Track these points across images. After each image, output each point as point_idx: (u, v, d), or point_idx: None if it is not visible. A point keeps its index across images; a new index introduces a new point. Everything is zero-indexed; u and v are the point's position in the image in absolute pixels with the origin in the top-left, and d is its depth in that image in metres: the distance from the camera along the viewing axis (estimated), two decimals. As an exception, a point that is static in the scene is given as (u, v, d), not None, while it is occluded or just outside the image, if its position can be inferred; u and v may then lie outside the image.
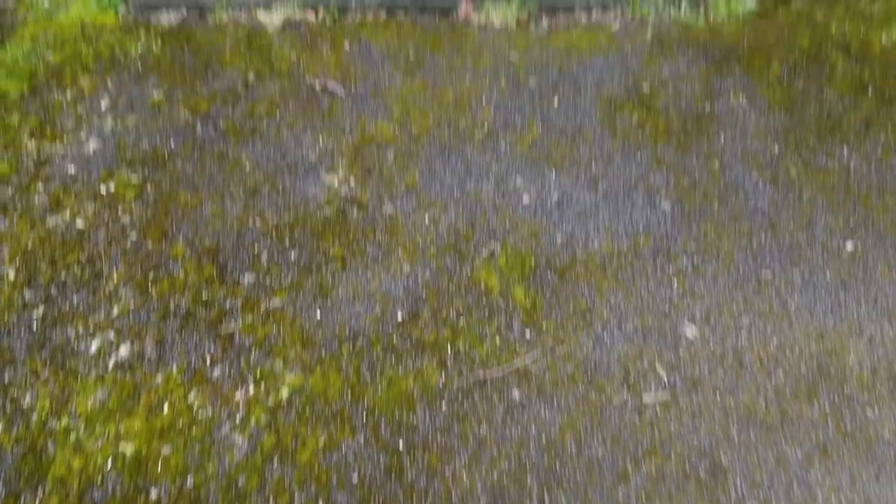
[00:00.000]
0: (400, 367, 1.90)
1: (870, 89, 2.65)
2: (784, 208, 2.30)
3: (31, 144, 2.52)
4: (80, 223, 2.28)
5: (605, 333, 1.98)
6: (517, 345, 1.95)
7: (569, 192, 2.37)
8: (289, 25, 2.91)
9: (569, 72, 2.74)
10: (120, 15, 2.93)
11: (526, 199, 2.36)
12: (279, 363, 1.91)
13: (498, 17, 2.91)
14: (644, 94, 2.65)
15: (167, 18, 2.92)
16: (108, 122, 2.57)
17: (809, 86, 2.66)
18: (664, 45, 2.81)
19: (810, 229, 2.24)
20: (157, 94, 2.65)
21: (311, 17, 2.94)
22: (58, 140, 2.52)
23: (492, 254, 2.19)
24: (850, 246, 2.20)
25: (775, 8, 2.93)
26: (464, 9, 2.95)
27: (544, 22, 2.92)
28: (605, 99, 2.64)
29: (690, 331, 2.00)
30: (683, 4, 2.91)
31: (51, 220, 2.30)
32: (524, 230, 2.26)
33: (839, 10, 2.92)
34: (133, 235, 2.23)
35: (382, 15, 2.97)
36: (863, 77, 2.69)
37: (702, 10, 2.91)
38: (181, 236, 2.23)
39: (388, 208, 2.32)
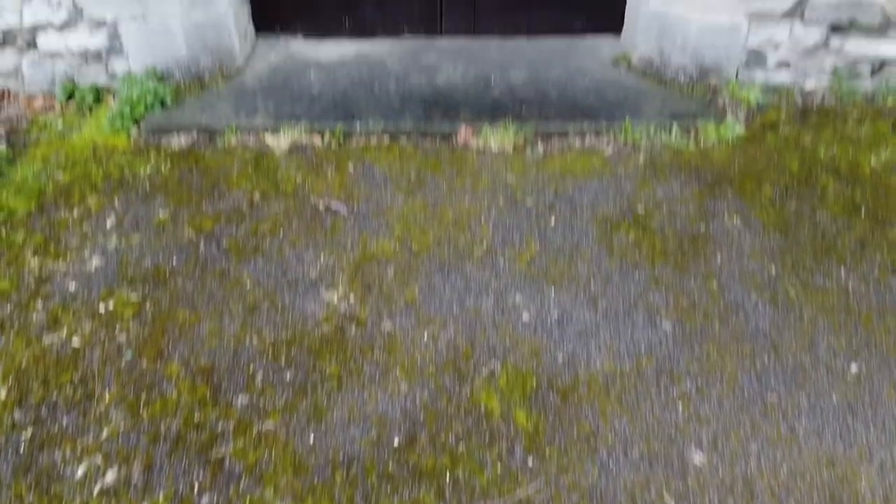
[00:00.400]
0: (396, 497, 1.82)
1: (862, 210, 2.70)
2: (785, 329, 2.28)
3: (33, 262, 2.54)
4: (76, 342, 2.26)
5: (610, 460, 1.91)
6: (519, 473, 1.88)
7: (568, 310, 2.36)
8: (295, 149, 3.01)
9: (564, 193, 2.80)
10: (132, 137, 3.04)
11: (526, 316, 2.35)
12: (269, 492, 1.83)
13: (496, 141, 3.02)
14: (639, 214, 2.70)
15: (177, 141, 3.03)
16: (113, 241, 2.61)
17: (802, 207, 2.71)
18: (657, 168, 2.89)
19: (813, 351, 2.22)
20: (162, 214, 2.71)
21: (317, 140, 3.04)
22: (61, 258, 2.55)
23: (492, 373, 2.16)
24: (854, 368, 2.17)
25: (763, 133, 3.04)
26: (463, 134, 3.07)
27: (540, 146, 3.03)
28: (601, 219, 2.69)
29: (698, 457, 1.93)
30: (674, 130, 3.02)
31: (47, 339, 2.28)
32: (525, 349, 2.24)
33: (826, 135, 3.02)
34: (128, 355, 2.21)
35: (386, 139, 3.08)
36: (854, 199, 2.75)
37: (692, 135, 3.02)
38: (177, 355, 2.20)
39: (386, 325, 2.31)
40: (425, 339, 2.26)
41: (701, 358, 2.20)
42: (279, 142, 3.02)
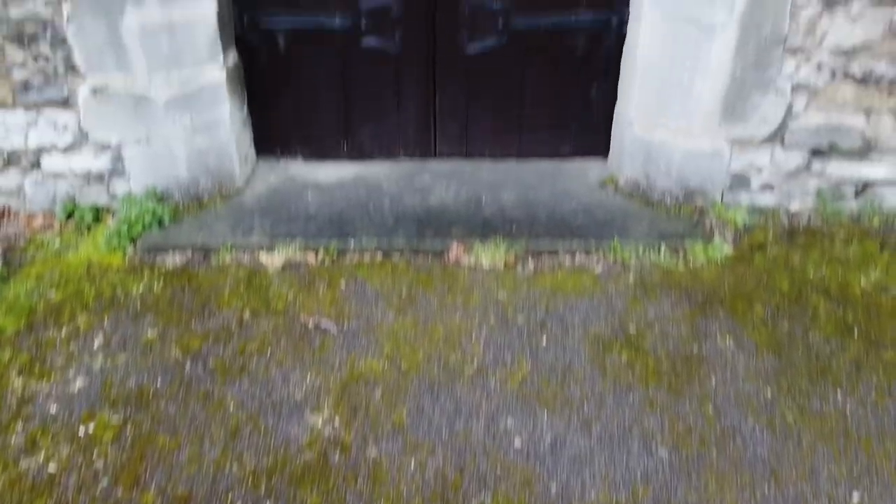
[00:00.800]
0: None
1: (855, 331, 2.69)
2: (784, 456, 2.21)
3: (17, 382, 2.51)
4: (52, 467, 2.19)
5: None
6: None
7: (562, 434, 2.30)
8: (289, 266, 3.04)
9: (556, 311, 2.80)
10: (127, 256, 3.07)
11: (517, 442, 2.28)
12: None
13: (487, 258, 3.05)
14: (631, 334, 2.69)
15: (172, 260, 3.06)
16: (98, 361, 2.58)
17: (794, 328, 2.70)
18: (647, 287, 2.90)
19: (814, 479, 2.14)
20: (151, 333, 2.69)
21: (311, 258, 3.08)
22: (45, 378, 2.52)
23: (481, 504, 2.07)
24: (856, 497, 2.08)
25: (751, 253, 3.07)
26: (455, 251, 3.10)
27: (530, 264, 3.06)
28: (593, 338, 2.67)
29: None
30: (662, 250, 3.06)
31: (24, 463, 2.21)
32: (516, 477, 2.16)
33: (815, 255, 3.05)
34: (104, 481, 2.13)
35: (379, 256, 3.11)
36: (847, 319, 2.74)
37: (681, 255, 3.05)
38: (154, 483, 2.12)
39: (372, 451, 2.24)
40: (412, 466, 2.19)
41: (699, 487, 2.12)
42: (273, 259, 3.05)
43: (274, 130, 3.60)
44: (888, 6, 2.82)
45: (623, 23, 3.21)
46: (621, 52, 3.27)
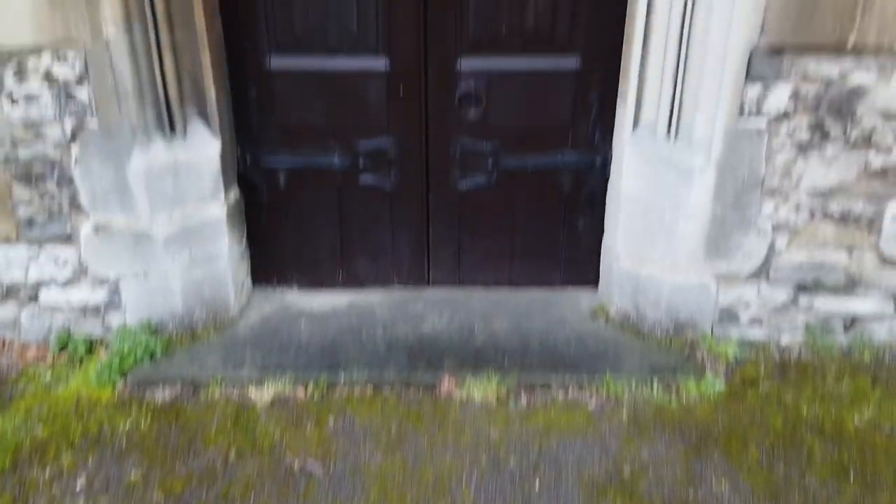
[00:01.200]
0: None
1: (851, 473, 2.64)
2: None
3: (-5, 526, 2.45)
4: None
5: None
6: None
7: (553, 590, 2.22)
8: (278, 401, 3.02)
9: (549, 451, 2.76)
10: (117, 390, 3.06)
11: None
12: None
13: (479, 392, 3.04)
14: (625, 478, 2.63)
15: (161, 395, 3.05)
16: (79, 505, 2.53)
17: (790, 470, 2.65)
18: (640, 425, 2.87)
19: None
20: (134, 474, 2.64)
21: (300, 393, 3.07)
22: (23, 523, 2.46)
23: None
24: None
25: (744, 389, 3.05)
26: (446, 385, 3.10)
27: (523, 399, 3.04)
28: (587, 482, 2.62)
29: None
30: (655, 385, 3.05)
31: None
32: None
33: (807, 392, 3.04)
34: None
35: (369, 389, 3.10)
36: (842, 460, 2.70)
37: (673, 390, 3.04)
38: None
39: None
40: None
41: None
42: (262, 395, 3.04)
43: (271, 261, 3.67)
44: (861, 149, 2.95)
45: (607, 163, 3.35)
46: (606, 189, 3.39)
